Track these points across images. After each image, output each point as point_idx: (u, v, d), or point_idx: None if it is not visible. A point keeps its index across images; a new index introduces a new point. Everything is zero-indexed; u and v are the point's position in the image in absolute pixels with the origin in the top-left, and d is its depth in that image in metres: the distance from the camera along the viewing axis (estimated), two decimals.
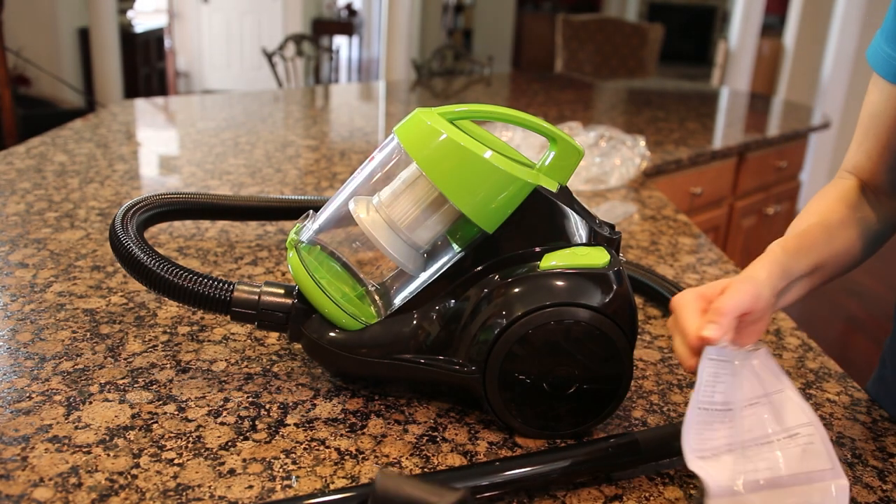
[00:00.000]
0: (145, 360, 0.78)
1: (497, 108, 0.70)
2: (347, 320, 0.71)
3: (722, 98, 3.32)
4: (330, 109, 2.49)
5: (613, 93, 3.29)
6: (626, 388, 0.69)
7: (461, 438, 0.69)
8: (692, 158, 1.99)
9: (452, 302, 0.71)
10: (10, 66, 4.24)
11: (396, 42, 5.07)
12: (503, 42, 9.55)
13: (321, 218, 0.75)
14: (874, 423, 0.78)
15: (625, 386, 0.69)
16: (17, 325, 0.83)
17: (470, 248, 0.70)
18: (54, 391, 0.71)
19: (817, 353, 0.92)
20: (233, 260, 1.06)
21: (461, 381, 0.70)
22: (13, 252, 1.04)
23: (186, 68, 7.41)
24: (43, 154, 1.53)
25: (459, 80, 3.44)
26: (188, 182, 1.45)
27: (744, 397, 0.62)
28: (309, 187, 1.46)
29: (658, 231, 1.32)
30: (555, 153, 0.71)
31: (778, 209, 2.62)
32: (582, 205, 0.73)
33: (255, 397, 0.73)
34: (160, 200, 0.89)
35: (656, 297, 0.99)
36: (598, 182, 1.58)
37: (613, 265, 0.68)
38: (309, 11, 7.28)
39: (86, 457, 0.62)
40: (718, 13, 10.91)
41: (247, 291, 0.73)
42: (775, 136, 2.39)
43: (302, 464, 0.64)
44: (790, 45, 5.24)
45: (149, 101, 2.32)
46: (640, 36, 4.64)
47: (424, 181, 0.69)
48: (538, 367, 0.67)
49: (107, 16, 4.85)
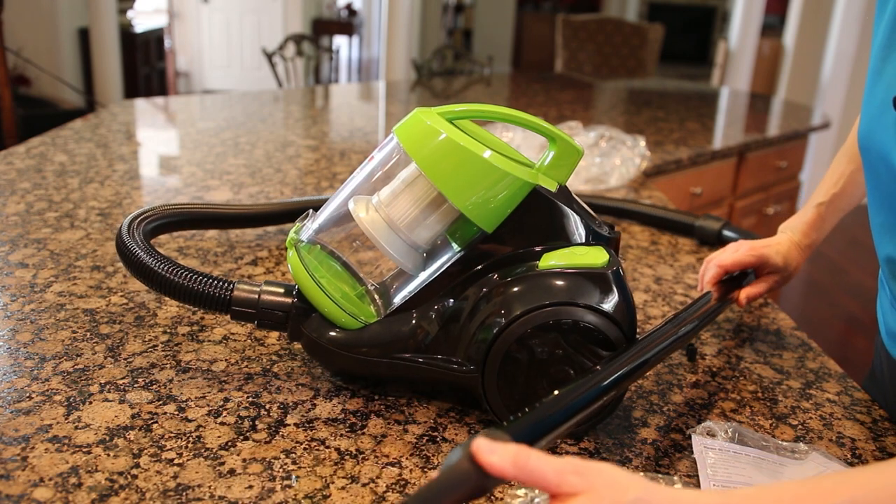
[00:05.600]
0: (145, 360, 0.78)
1: (497, 108, 0.70)
2: (347, 319, 0.71)
3: (722, 98, 3.32)
4: (330, 109, 2.49)
5: (613, 93, 3.29)
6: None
7: (461, 438, 0.69)
8: (692, 158, 1.99)
9: (451, 301, 0.71)
10: (10, 66, 4.24)
11: (396, 42, 5.07)
12: (503, 42, 9.55)
13: (321, 217, 0.75)
14: (874, 423, 0.78)
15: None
16: (17, 325, 0.83)
17: (469, 248, 0.70)
18: (54, 391, 0.71)
19: (817, 353, 0.92)
20: (233, 260, 1.06)
21: (460, 381, 0.70)
22: (13, 252, 1.04)
23: (186, 68, 7.41)
24: (43, 154, 1.53)
25: (459, 80, 3.44)
26: (188, 182, 1.45)
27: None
28: (309, 187, 1.46)
29: (658, 231, 1.32)
30: (554, 153, 0.71)
31: (778, 209, 2.62)
32: (581, 204, 0.73)
33: (255, 397, 0.73)
34: (169, 211, 0.91)
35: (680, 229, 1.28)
36: (598, 182, 1.58)
37: (612, 265, 0.68)
38: (309, 11, 7.28)
39: (86, 457, 0.63)
40: (718, 13, 10.90)
41: (247, 290, 0.73)
42: (775, 136, 2.39)
43: (302, 464, 0.64)
44: (790, 45, 5.24)
45: (149, 101, 2.32)
46: (640, 36, 4.64)
47: (424, 181, 0.69)
48: (537, 367, 0.67)
49: (107, 16, 4.84)
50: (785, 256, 0.95)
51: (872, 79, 0.74)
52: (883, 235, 0.77)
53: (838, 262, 4.10)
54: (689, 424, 0.75)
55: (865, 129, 0.74)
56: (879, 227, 0.77)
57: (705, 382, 0.83)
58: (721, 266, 0.92)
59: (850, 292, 3.76)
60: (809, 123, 2.69)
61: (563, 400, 0.57)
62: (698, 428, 0.73)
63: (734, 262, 0.92)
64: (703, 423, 0.73)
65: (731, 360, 0.90)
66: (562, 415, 0.56)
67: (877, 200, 0.76)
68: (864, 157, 0.76)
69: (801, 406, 0.80)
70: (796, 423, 0.77)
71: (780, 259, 0.94)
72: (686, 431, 0.73)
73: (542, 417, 0.54)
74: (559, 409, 0.56)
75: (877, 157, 0.72)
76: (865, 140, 0.74)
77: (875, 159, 0.73)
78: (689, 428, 0.74)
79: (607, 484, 0.44)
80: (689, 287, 1.09)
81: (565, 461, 0.45)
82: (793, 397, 0.82)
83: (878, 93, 0.72)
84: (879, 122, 0.71)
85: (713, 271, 0.93)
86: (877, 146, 0.71)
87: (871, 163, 0.75)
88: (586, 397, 0.59)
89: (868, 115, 0.74)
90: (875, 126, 0.72)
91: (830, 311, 3.56)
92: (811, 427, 0.76)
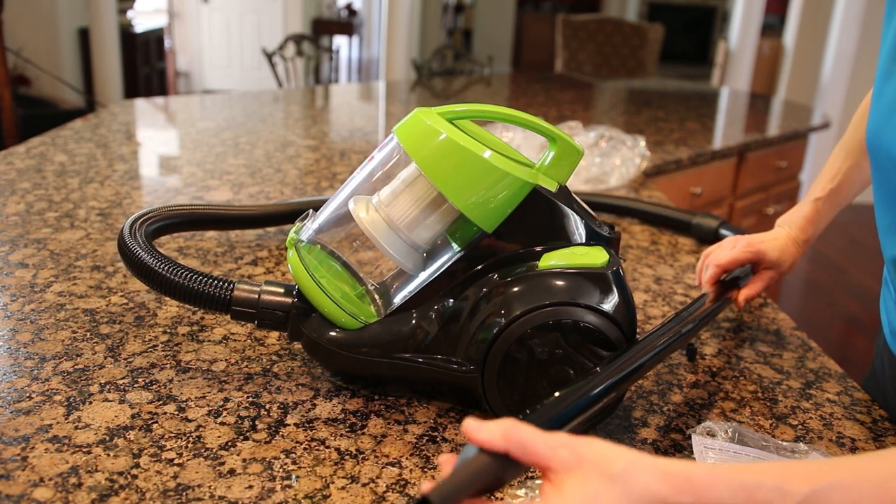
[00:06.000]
0: (145, 360, 0.78)
1: (497, 108, 0.70)
2: (347, 319, 0.71)
3: (722, 98, 3.32)
4: (330, 109, 2.49)
5: (613, 93, 3.29)
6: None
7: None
8: (692, 158, 1.99)
9: (451, 301, 0.71)
10: (10, 66, 4.24)
11: (396, 42, 5.07)
12: (503, 42, 9.55)
13: (321, 217, 0.75)
14: (874, 423, 0.78)
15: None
16: (17, 325, 0.83)
17: (469, 248, 0.70)
18: (54, 391, 0.71)
19: (817, 353, 0.92)
20: (233, 260, 1.06)
21: (460, 380, 0.70)
22: (13, 252, 1.04)
23: (186, 68, 7.41)
24: (43, 154, 1.53)
25: (459, 80, 3.43)
26: (188, 182, 1.44)
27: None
28: (309, 187, 1.46)
29: (658, 231, 1.32)
30: (554, 153, 0.71)
31: (778, 209, 2.62)
32: (581, 204, 0.73)
33: (255, 397, 0.73)
34: (170, 212, 0.91)
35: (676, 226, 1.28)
36: (598, 182, 1.58)
37: (612, 265, 0.68)
38: (309, 11, 7.28)
39: (86, 457, 0.63)
40: (718, 13, 10.90)
41: (247, 290, 0.73)
42: (775, 136, 2.39)
43: (302, 464, 0.64)
44: (790, 45, 5.24)
45: (149, 101, 2.32)
46: (640, 36, 4.64)
47: (424, 181, 0.69)
48: (537, 367, 0.67)
49: (107, 16, 4.84)
50: (781, 252, 0.95)
51: (882, 79, 0.74)
52: (890, 236, 0.77)
53: (838, 262, 4.10)
54: (689, 424, 0.75)
55: (874, 128, 0.74)
56: (887, 228, 0.77)
57: (705, 382, 0.84)
58: (719, 266, 0.93)
59: (850, 292, 3.76)
60: (809, 123, 2.69)
61: (567, 400, 0.57)
62: (698, 428, 0.73)
63: (731, 259, 0.93)
64: (703, 423, 0.73)
65: (731, 360, 0.90)
66: (567, 414, 0.56)
67: (884, 200, 0.76)
68: (871, 156, 0.76)
69: (801, 406, 0.80)
70: (796, 423, 0.77)
71: (777, 255, 0.95)
72: (686, 431, 0.73)
73: (551, 416, 0.55)
74: (564, 409, 0.56)
75: (885, 156, 0.72)
76: (874, 139, 0.74)
77: (883, 159, 0.73)
78: (689, 428, 0.74)
79: (596, 457, 0.45)
80: (690, 287, 1.09)
81: (555, 436, 0.46)
82: (793, 397, 0.82)
83: (887, 93, 0.72)
84: (888, 121, 0.71)
85: (711, 271, 0.93)
86: (885, 146, 0.71)
87: (878, 162, 0.75)
88: (585, 401, 0.59)
89: (876, 115, 0.74)
90: (884, 125, 0.72)
91: (830, 311, 3.56)
92: (811, 427, 0.76)
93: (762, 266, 0.96)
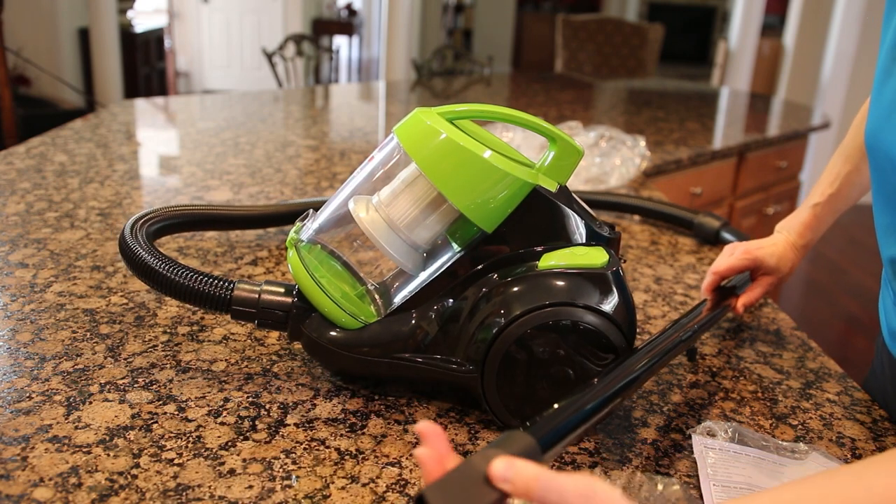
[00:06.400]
0: (145, 360, 0.78)
1: (497, 108, 0.70)
2: (347, 319, 0.71)
3: (722, 98, 3.32)
4: (330, 109, 2.50)
5: (613, 93, 3.29)
6: None
7: (461, 438, 0.69)
8: (692, 158, 1.99)
9: (451, 301, 0.71)
10: (10, 66, 4.24)
11: (396, 42, 5.07)
12: (503, 42, 9.55)
13: (321, 217, 0.75)
14: (874, 423, 0.78)
15: None
16: (17, 325, 0.83)
17: (469, 248, 0.70)
18: (54, 391, 0.71)
19: (817, 353, 0.92)
20: (233, 260, 1.06)
21: (459, 381, 0.70)
22: (13, 252, 1.04)
23: (186, 68, 7.41)
24: (43, 154, 1.53)
25: (459, 80, 3.44)
26: (188, 182, 1.45)
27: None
28: (309, 187, 1.46)
29: (658, 231, 1.33)
30: (554, 153, 0.71)
31: (778, 209, 2.62)
32: (581, 204, 0.73)
33: (255, 397, 0.73)
34: (171, 213, 0.91)
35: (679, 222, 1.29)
36: (598, 182, 1.58)
37: (612, 265, 0.68)
38: (309, 11, 7.28)
39: (86, 457, 0.63)
40: (718, 13, 10.90)
41: (247, 290, 0.73)
42: (775, 136, 2.39)
43: (302, 464, 0.64)
44: (790, 45, 5.24)
45: (149, 101, 2.32)
46: (640, 36, 4.64)
47: (424, 181, 0.69)
48: (537, 367, 0.67)
49: (107, 16, 4.84)
50: (780, 258, 0.95)
51: (881, 79, 0.74)
52: (888, 236, 0.77)
53: (838, 262, 4.10)
54: (689, 424, 0.75)
55: (873, 128, 0.74)
56: (885, 228, 0.77)
57: (705, 382, 0.84)
58: (716, 273, 0.93)
59: (850, 292, 3.76)
60: (809, 123, 2.69)
61: (566, 412, 0.56)
62: (698, 428, 0.73)
63: (728, 267, 0.93)
64: (703, 423, 0.73)
65: (731, 360, 0.90)
66: (567, 426, 0.55)
67: (882, 201, 0.76)
68: (870, 157, 0.76)
69: (801, 406, 0.80)
70: (796, 423, 0.77)
71: (775, 261, 0.95)
72: (686, 431, 0.73)
73: (558, 425, 0.54)
74: (563, 421, 0.55)
75: (884, 157, 0.72)
76: (872, 140, 0.74)
77: (882, 159, 0.73)
78: (689, 428, 0.74)
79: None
80: (689, 287, 1.09)
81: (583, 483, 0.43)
82: (793, 397, 0.82)
83: (886, 93, 0.72)
84: (888, 121, 0.71)
85: (709, 279, 0.94)
86: (884, 146, 0.71)
87: (877, 163, 0.75)
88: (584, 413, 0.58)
89: (875, 115, 0.74)
90: (883, 126, 0.72)
91: (830, 311, 3.56)
92: (811, 427, 0.76)
93: (760, 272, 0.96)
